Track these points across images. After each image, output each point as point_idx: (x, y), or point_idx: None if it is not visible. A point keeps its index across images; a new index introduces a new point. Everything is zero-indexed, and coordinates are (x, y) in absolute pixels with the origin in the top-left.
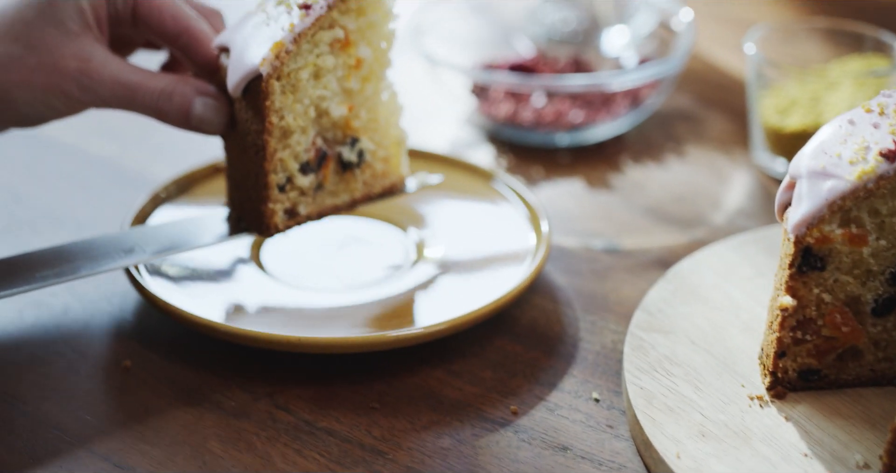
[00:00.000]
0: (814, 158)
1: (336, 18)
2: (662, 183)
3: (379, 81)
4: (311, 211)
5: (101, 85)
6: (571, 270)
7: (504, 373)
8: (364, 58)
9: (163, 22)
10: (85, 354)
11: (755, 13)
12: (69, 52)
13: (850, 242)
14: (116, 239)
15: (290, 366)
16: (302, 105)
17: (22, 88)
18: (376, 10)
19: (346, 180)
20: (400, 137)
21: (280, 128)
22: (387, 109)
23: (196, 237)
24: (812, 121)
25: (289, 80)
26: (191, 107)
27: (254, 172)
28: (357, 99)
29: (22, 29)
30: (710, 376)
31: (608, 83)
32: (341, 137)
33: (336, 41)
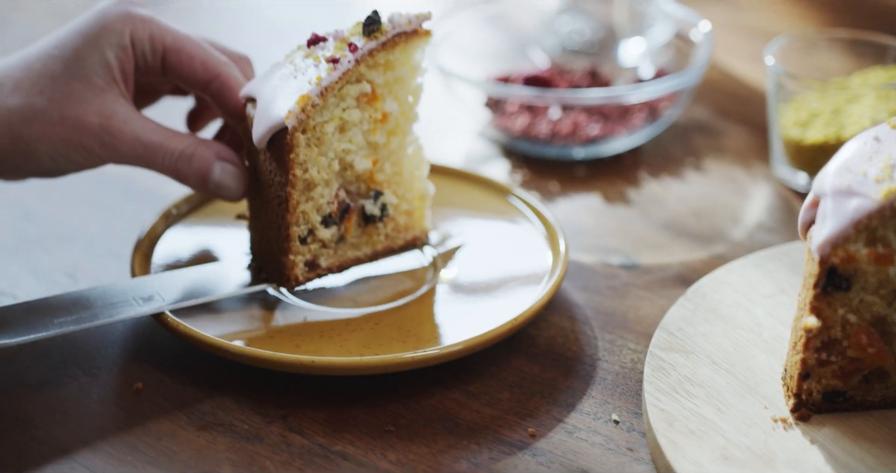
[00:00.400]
0: (838, 176)
1: (363, 73)
2: (681, 197)
3: (405, 135)
4: (332, 263)
5: (121, 143)
6: (589, 287)
7: (522, 394)
8: (390, 112)
9: (193, 70)
10: (96, 376)
11: (775, 23)
12: (93, 107)
13: (876, 261)
14: (136, 286)
15: (303, 388)
16: (326, 158)
17: (44, 142)
18: (404, 65)
19: (368, 233)
20: (424, 190)
21: (304, 180)
22: (411, 163)
23: (216, 286)
24: (833, 133)
25: (314, 133)
26: (209, 171)
27: (276, 223)
28: (382, 153)
29: (48, 83)
30: (733, 397)
31: (625, 96)
32: (364, 190)
33: (363, 95)
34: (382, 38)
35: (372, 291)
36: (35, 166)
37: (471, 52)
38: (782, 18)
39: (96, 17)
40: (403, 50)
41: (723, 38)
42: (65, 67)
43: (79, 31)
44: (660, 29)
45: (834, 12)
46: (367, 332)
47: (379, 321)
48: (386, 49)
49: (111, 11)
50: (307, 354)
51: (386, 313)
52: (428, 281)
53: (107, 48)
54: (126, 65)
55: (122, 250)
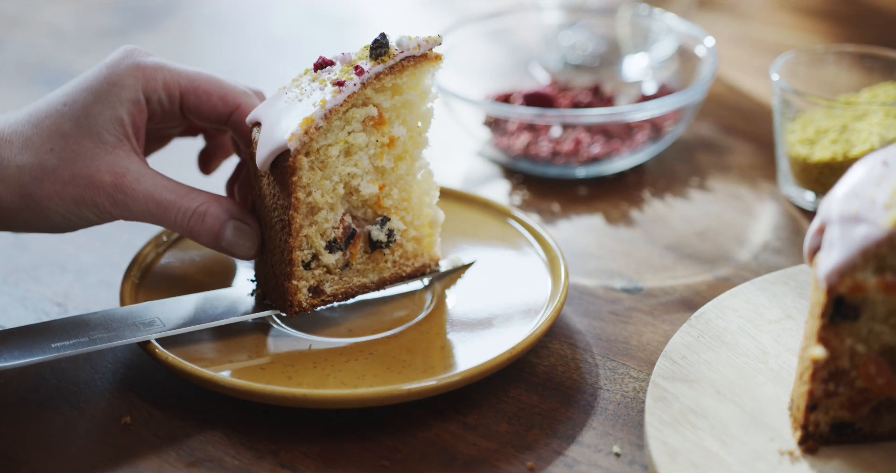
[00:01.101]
0: (845, 202)
1: (370, 96)
2: (685, 216)
3: (413, 161)
4: (338, 290)
5: (134, 201)
6: (591, 312)
7: (520, 426)
8: (398, 136)
9: (213, 106)
10: (83, 410)
11: (782, 36)
12: (104, 165)
13: (885, 290)
14: (136, 312)
15: (296, 421)
16: (330, 182)
17: (55, 200)
18: (413, 90)
19: (374, 260)
20: (434, 217)
21: (307, 204)
22: (420, 189)
23: (217, 313)
24: (841, 151)
25: (318, 156)
26: (222, 230)
27: (279, 248)
28: (389, 178)
29: (58, 140)
30: (738, 429)
31: (628, 115)
32: (371, 216)
33: (369, 119)
34: (390, 62)
35: (367, 318)
36: (46, 223)
37: (471, 69)
38: (789, 32)
39: (105, 72)
40: (412, 74)
41: (729, 52)
42: (75, 124)
43: (88, 88)
44: (663, 44)
45: (842, 26)
46: (362, 362)
47: (374, 350)
48: (394, 73)
49: (120, 66)
50: (300, 386)
51: (381, 342)
52: (425, 308)
53: (118, 104)
54: (137, 119)
55: (113, 279)
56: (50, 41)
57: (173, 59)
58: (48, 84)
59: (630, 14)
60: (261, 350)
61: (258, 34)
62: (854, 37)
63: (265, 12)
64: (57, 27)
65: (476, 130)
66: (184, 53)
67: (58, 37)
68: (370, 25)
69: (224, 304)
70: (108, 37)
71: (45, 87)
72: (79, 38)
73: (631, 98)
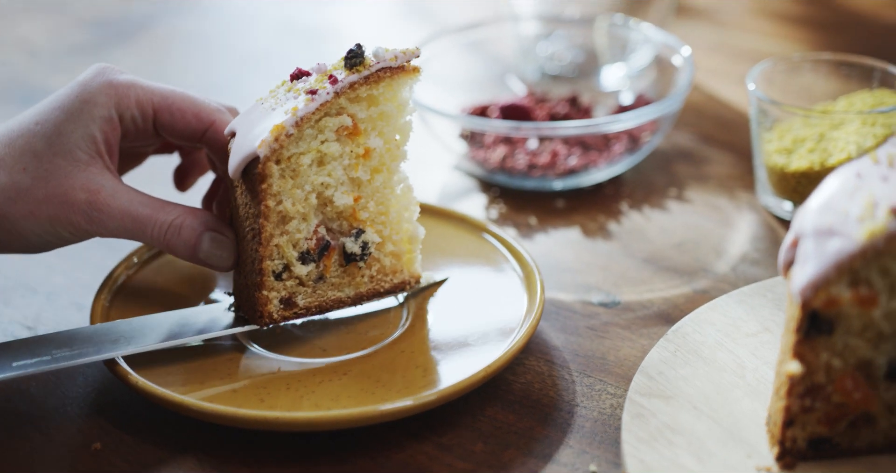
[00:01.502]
0: (819, 215)
1: (344, 106)
2: (663, 228)
3: (391, 174)
4: (311, 303)
5: (109, 218)
6: (567, 328)
7: (496, 445)
8: (374, 148)
9: (187, 123)
10: (52, 437)
11: (760, 44)
12: (78, 183)
13: (859, 304)
14: (103, 330)
15: (269, 444)
16: (302, 191)
17: (29, 220)
18: (390, 101)
19: (350, 273)
20: (413, 233)
21: (277, 213)
22: (399, 203)
23: (187, 331)
24: (819, 160)
25: (288, 164)
26: (199, 242)
27: (251, 257)
28: (365, 190)
29: (31, 159)
30: (715, 445)
31: (604, 126)
32: (347, 228)
33: (343, 128)
34: (365, 72)
35: (341, 337)
36: (21, 244)
37: (448, 81)
38: (767, 39)
39: (78, 90)
40: (389, 85)
41: (706, 61)
42: (47, 143)
43: (60, 106)
44: (641, 53)
45: (819, 33)
46: (336, 383)
47: (348, 370)
48: (369, 83)
49: (92, 84)
50: (273, 409)
51: (356, 362)
52: (400, 326)
53: (90, 122)
54: (110, 137)
55: (84, 301)
56: (23, 58)
57: (148, 75)
58: (22, 101)
59: (607, 24)
60: (233, 372)
61: (233, 49)
62: (831, 44)
63: (240, 27)
64: (30, 44)
65: (452, 143)
66: (159, 69)
67: (31, 54)
68: (347, 38)
69: (195, 322)
70: (82, 53)
71: (19, 104)
72: (52, 55)
73: (608, 108)
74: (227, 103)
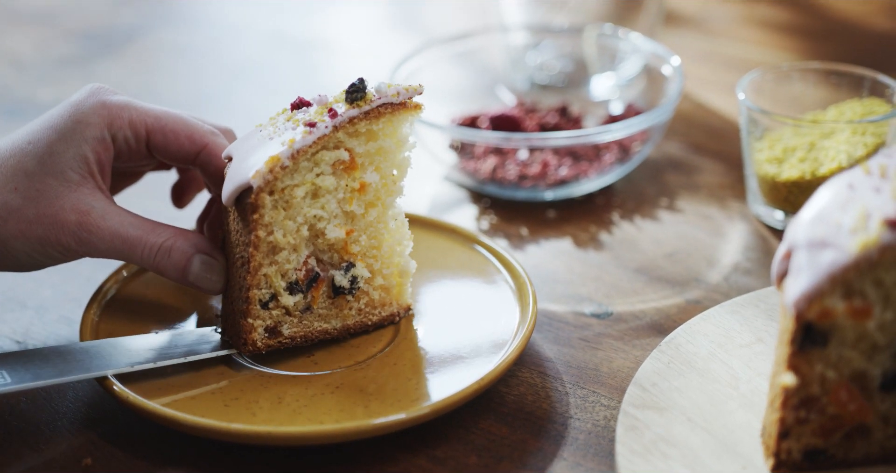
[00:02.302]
0: (812, 227)
1: (342, 140)
2: (654, 238)
3: (386, 209)
4: (296, 333)
5: (99, 239)
6: (560, 339)
7: (490, 458)
8: (370, 183)
9: (180, 145)
10: (42, 452)
11: (748, 53)
12: (69, 204)
13: (853, 316)
14: (88, 349)
15: (261, 458)
16: (294, 223)
17: (20, 240)
18: (389, 137)
19: (338, 306)
20: (404, 267)
21: (268, 243)
22: (392, 238)
23: (177, 351)
24: (809, 170)
25: (282, 195)
26: (188, 265)
27: (238, 284)
28: (359, 223)
29: (22, 179)
30: (709, 458)
31: (594, 137)
32: (338, 261)
33: (339, 162)
34: (366, 107)
35: (333, 350)
36: (11, 262)
37: (438, 91)
38: (756, 48)
39: (70, 110)
40: (389, 121)
41: (695, 70)
42: (39, 163)
43: (52, 126)
44: (630, 63)
45: (808, 41)
46: (328, 397)
47: (340, 384)
48: (369, 118)
49: (85, 104)
50: (264, 423)
51: (347, 375)
52: (392, 339)
53: (82, 142)
54: (103, 157)
55: (74, 315)
56: (10, 70)
57: (136, 87)
58: (10, 114)
59: (596, 34)
60: (224, 387)
61: (223, 60)
62: (820, 53)
63: (229, 38)
64: (17, 56)
65: (442, 154)
66: (147, 81)
67: (18, 66)
68: (336, 49)
69: (186, 341)
70: (70, 65)
71: (7, 116)
72: (40, 67)
73: (598, 118)
74: (223, 124)
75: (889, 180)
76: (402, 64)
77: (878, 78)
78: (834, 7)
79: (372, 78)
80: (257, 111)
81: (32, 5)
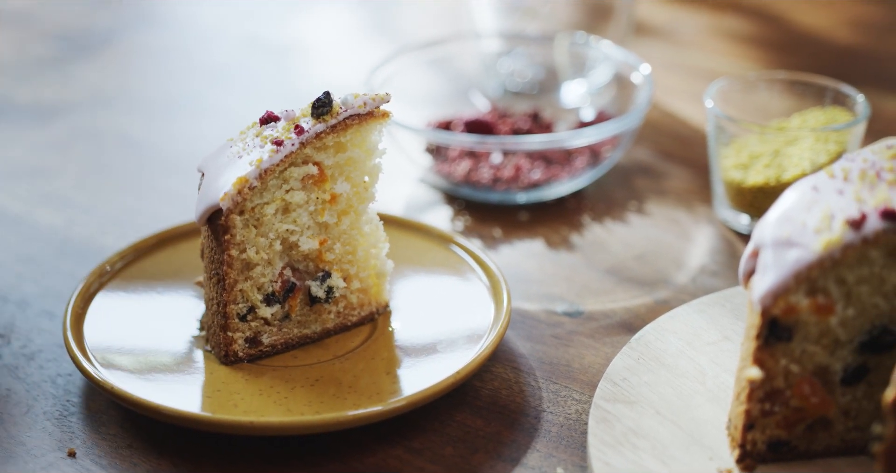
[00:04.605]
0: (778, 227)
1: (310, 154)
2: (624, 241)
3: (359, 216)
4: (276, 341)
5: None
6: (533, 336)
7: (465, 449)
8: (341, 193)
9: None
10: (24, 443)
11: (716, 63)
12: None
13: (816, 312)
14: None
15: (243, 448)
16: (266, 239)
17: None
18: (357, 147)
19: (316, 311)
20: (381, 268)
21: (241, 260)
22: (367, 242)
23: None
24: (774, 175)
25: (252, 214)
26: None
27: (216, 300)
28: (332, 232)
29: None
30: (677, 449)
31: (566, 141)
32: (314, 269)
33: (308, 177)
34: (332, 121)
35: (311, 346)
36: None
37: (411, 97)
38: (723, 58)
39: None
40: (357, 132)
41: (664, 78)
42: None
43: None
44: (600, 71)
45: (773, 52)
46: (308, 390)
47: (319, 377)
48: (336, 131)
49: None
50: (246, 414)
51: (326, 368)
52: (370, 334)
53: None
54: None
55: (57, 310)
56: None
57: (112, 89)
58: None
59: (567, 42)
60: (207, 379)
61: (198, 63)
62: (785, 63)
63: (204, 42)
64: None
65: (417, 156)
66: (122, 83)
67: (5, 72)
68: (310, 54)
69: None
70: (48, 66)
71: None
72: (18, 68)
73: (569, 124)
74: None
75: (851, 183)
76: (378, 69)
77: (840, 88)
78: (798, 20)
79: (346, 83)
80: (233, 114)
81: (9, 6)
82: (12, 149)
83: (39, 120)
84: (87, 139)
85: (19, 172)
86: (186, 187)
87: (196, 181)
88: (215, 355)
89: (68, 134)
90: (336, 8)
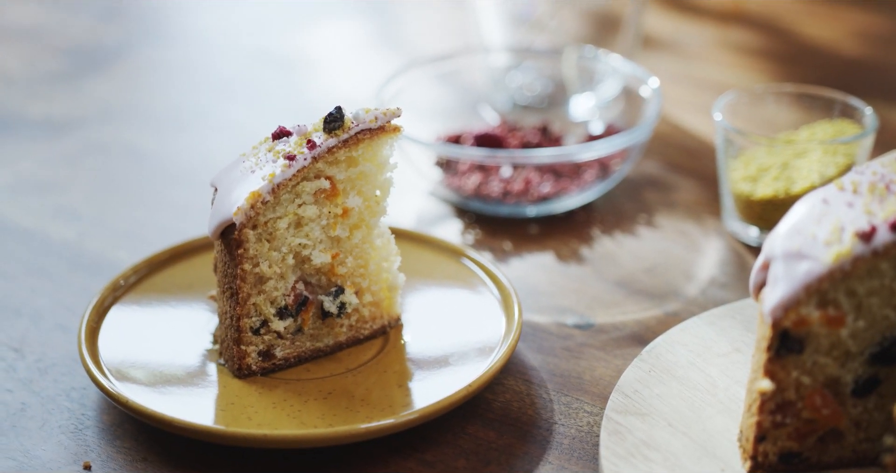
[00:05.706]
0: (788, 239)
1: (322, 169)
2: (634, 253)
3: (371, 230)
4: (289, 354)
5: None
6: (544, 348)
7: (478, 462)
8: (352, 207)
9: None
10: (39, 458)
11: (723, 75)
12: None
13: (828, 324)
14: None
15: (255, 461)
16: (279, 253)
17: None
18: (369, 161)
19: (329, 325)
20: (393, 282)
21: (254, 274)
22: (379, 255)
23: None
24: (783, 188)
25: (265, 228)
26: None
27: (229, 313)
28: (344, 246)
29: None
30: (689, 461)
31: (576, 154)
32: (326, 283)
33: (321, 191)
34: (344, 136)
35: (324, 359)
36: None
37: (421, 111)
38: (730, 71)
39: None
40: (368, 146)
41: (672, 91)
42: None
43: None
44: (609, 84)
45: (781, 65)
46: (321, 402)
47: (332, 390)
48: (348, 146)
49: None
50: (260, 427)
51: (339, 381)
52: (382, 347)
53: None
54: None
55: (70, 324)
56: None
57: (123, 102)
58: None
59: (576, 56)
60: (220, 392)
61: (208, 77)
62: (792, 76)
63: (214, 55)
64: (6, 72)
65: (428, 170)
66: (133, 98)
67: (7, 81)
68: (319, 67)
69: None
70: (59, 81)
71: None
72: (28, 83)
73: (578, 138)
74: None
75: (861, 195)
76: (387, 83)
77: (848, 101)
78: (805, 32)
79: (354, 96)
80: (243, 128)
81: (19, 21)
82: (23, 163)
83: (50, 134)
84: (97, 153)
85: (30, 186)
86: (196, 200)
87: (208, 195)
88: (229, 368)
89: (79, 148)
90: (343, 21)
